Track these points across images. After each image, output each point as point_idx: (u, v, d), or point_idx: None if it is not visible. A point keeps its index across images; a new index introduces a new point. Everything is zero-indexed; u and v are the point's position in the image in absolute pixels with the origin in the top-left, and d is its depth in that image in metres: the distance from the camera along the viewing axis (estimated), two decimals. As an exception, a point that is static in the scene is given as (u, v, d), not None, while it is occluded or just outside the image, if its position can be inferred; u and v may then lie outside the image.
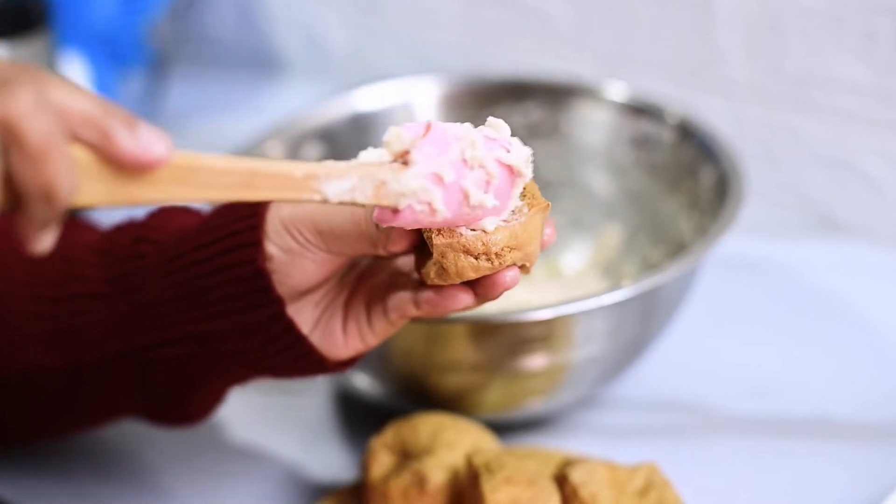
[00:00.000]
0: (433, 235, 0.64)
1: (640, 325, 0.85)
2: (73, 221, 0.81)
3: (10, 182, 0.54)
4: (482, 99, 1.05)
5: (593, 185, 1.04)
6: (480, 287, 0.66)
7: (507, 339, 0.82)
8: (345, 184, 0.61)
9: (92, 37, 1.26)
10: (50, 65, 1.12)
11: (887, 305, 1.01)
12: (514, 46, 1.24)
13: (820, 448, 0.88)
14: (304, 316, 0.70)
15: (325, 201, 0.61)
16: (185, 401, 0.77)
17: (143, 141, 0.55)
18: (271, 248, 0.68)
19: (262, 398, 0.93)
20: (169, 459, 0.88)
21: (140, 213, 0.76)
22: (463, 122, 0.64)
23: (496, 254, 0.64)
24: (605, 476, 0.76)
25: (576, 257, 1.02)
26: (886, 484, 0.83)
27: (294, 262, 0.68)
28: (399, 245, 0.65)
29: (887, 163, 1.07)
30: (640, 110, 1.01)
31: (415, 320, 0.71)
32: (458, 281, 0.65)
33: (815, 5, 1.06)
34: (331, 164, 0.61)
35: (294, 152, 1.00)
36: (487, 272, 0.64)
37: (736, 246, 1.04)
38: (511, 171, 0.64)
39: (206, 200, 0.59)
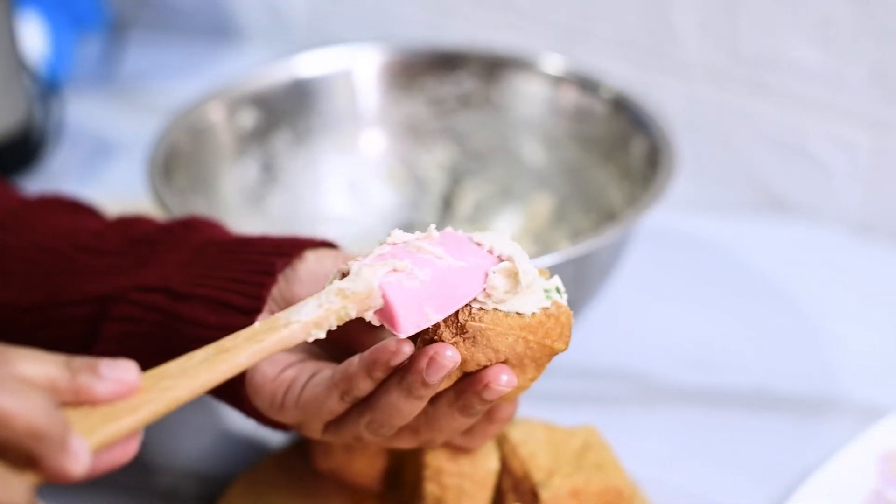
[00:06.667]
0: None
1: (572, 291, 0.86)
2: None
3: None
4: (418, 68, 1.05)
5: (525, 154, 1.04)
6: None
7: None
8: (309, 306, 0.61)
9: (49, -3, 1.25)
10: (8, 24, 1.12)
11: (825, 285, 1.03)
12: (473, 19, 1.24)
13: (755, 419, 0.89)
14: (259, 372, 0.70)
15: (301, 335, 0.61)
16: None
17: (113, 377, 0.57)
18: None
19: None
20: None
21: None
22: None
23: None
24: (544, 436, 0.77)
25: (506, 226, 1.03)
26: (817, 454, 0.85)
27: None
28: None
29: (837, 147, 1.08)
30: (573, 83, 1.02)
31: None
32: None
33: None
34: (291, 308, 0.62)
35: (231, 115, 0.99)
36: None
37: (683, 222, 1.05)
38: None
39: (191, 396, 0.59)
